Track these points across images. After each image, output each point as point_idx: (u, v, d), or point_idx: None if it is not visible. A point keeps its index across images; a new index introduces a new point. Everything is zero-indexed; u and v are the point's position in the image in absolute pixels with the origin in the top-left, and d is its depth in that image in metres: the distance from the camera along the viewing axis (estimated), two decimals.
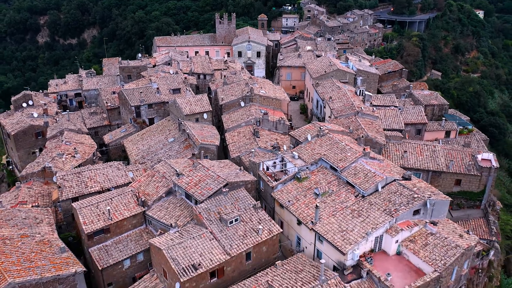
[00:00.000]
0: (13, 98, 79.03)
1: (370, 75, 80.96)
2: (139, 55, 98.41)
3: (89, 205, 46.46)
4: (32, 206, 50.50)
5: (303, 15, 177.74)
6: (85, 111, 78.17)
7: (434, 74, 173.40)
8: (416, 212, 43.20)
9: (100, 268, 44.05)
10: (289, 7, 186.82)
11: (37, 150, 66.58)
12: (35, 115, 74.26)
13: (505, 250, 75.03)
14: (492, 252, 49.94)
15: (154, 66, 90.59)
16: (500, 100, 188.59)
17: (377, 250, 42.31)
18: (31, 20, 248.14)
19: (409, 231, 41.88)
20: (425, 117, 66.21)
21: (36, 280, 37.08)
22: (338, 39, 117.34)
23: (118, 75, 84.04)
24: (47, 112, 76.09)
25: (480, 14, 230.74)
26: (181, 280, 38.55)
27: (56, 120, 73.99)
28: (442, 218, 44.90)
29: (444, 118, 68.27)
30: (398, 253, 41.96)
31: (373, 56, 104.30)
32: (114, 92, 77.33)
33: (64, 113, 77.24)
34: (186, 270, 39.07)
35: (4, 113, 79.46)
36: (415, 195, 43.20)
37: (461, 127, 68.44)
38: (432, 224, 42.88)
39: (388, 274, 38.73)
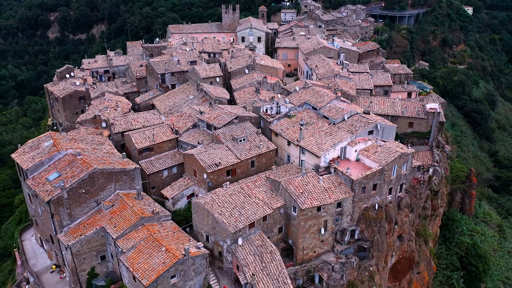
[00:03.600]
0: (58, 71, 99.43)
1: (351, 52, 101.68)
2: (157, 39, 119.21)
3: (138, 132, 67.06)
4: None
5: (300, 10, 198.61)
6: (118, 80, 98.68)
7: (421, 64, 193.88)
8: (371, 132, 63.72)
9: (147, 174, 64.40)
10: (287, 3, 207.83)
11: (87, 104, 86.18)
12: (77, 83, 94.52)
13: (460, 193, 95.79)
14: (431, 170, 70.08)
15: (170, 47, 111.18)
16: (484, 90, 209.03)
17: (342, 158, 62.71)
18: (42, 16, 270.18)
19: (365, 143, 62.28)
20: (391, 81, 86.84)
21: (111, 169, 57.35)
22: (328, 27, 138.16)
23: (144, 52, 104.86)
24: (86, 81, 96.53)
25: (469, 10, 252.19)
26: (208, 171, 59.07)
27: (94, 88, 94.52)
28: (390, 140, 65.30)
29: (406, 82, 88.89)
30: (357, 160, 62.31)
31: (357, 40, 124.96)
32: (141, 65, 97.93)
33: (102, 81, 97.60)
34: (211, 166, 59.57)
35: (50, 83, 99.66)
36: (370, 121, 63.73)
37: (421, 89, 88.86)
38: (382, 141, 63.35)
39: (348, 168, 59.16)
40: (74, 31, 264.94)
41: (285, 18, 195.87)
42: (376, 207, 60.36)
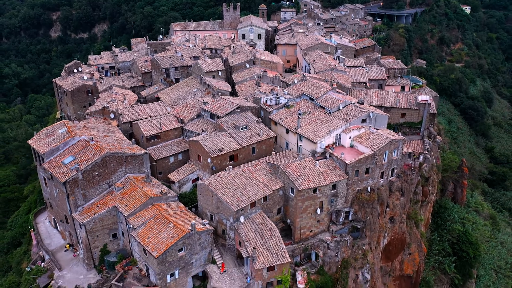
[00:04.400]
0: (66, 66, 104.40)
1: (347, 48, 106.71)
2: (160, 36, 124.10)
3: (146, 121, 71.96)
4: None
5: (299, 9, 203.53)
6: (124, 75, 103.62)
7: (419, 62, 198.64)
8: (364, 120, 68.61)
9: (155, 159, 69.27)
10: (287, 2, 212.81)
11: (95, 97, 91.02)
12: (85, 77, 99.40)
13: (453, 183, 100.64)
14: (421, 157, 74.93)
15: (174, 44, 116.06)
16: (481, 87, 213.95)
17: (337, 144, 67.59)
18: (44, 15, 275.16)
19: (358, 131, 67.16)
20: (385, 74, 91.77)
21: (122, 153, 62.20)
22: (327, 25, 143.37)
23: (148, 48, 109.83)
24: (93, 76, 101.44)
25: (467, 9, 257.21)
26: (211, 156, 63.95)
27: (101, 82, 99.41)
28: (382, 128, 70.18)
29: (400, 76, 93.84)
30: (351, 146, 67.17)
31: (354, 37, 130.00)
32: (146, 61, 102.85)
33: (108, 76, 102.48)
34: (215, 151, 64.47)
35: (59, 77, 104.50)
36: (363, 110, 68.63)
37: (414, 83, 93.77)
38: (374, 128, 68.20)
39: (342, 153, 64.02)
40: (76, 30, 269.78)
41: (284, 17, 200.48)
42: (369, 189, 65.19)
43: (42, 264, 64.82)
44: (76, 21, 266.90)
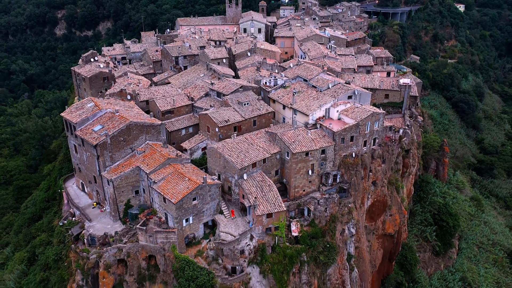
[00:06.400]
0: (83, 55, 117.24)
1: (340, 40, 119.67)
2: (168, 30, 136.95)
3: (161, 98, 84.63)
4: None
5: (298, 7, 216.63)
6: (136, 64, 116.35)
7: (412, 58, 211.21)
8: (350, 97, 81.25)
9: (169, 131, 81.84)
10: (286, 0, 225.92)
11: (111, 82, 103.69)
12: (101, 66, 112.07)
13: (435, 161, 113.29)
14: (401, 130, 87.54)
15: (181, 36, 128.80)
16: (473, 82, 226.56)
17: (327, 117, 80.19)
18: (49, 14, 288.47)
19: (345, 105, 79.76)
20: (372, 62, 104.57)
21: (142, 122, 74.77)
22: (322, 20, 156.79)
23: (158, 39, 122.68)
24: (109, 64, 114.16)
25: (461, 7, 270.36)
26: (219, 126, 76.58)
27: (116, 69, 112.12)
28: (366, 104, 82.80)
29: (386, 64, 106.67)
30: (339, 119, 79.76)
31: (347, 31, 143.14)
32: (156, 51, 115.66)
33: (120, 65, 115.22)
34: (221, 122, 77.11)
35: (77, 66, 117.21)
36: (349, 88, 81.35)
37: (399, 70, 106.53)
38: (359, 104, 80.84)
39: (330, 124, 76.64)
40: (80, 28, 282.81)
41: (284, 15, 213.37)
42: (353, 155, 77.67)
43: (73, 219, 77.14)
44: (80, 19, 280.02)
